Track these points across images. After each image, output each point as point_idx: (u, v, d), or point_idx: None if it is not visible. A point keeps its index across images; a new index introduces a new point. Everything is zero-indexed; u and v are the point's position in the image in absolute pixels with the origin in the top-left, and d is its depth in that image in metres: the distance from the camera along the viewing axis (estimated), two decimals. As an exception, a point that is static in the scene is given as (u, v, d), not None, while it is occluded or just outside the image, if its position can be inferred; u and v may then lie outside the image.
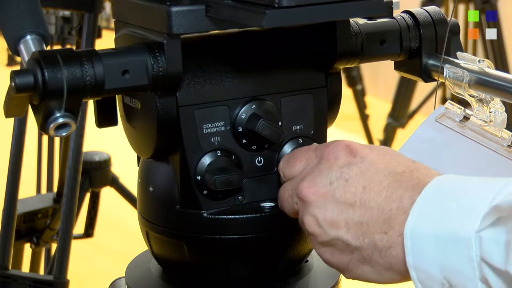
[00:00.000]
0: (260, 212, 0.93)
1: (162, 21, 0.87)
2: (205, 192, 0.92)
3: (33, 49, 0.89)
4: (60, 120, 0.85)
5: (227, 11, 0.86)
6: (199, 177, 0.92)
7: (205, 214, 0.92)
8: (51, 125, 0.85)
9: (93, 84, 0.85)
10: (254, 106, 0.93)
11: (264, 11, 0.81)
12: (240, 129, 0.93)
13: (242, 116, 0.93)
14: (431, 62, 1.02)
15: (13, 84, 0.83)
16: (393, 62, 1.07)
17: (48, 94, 0.83)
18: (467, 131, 1.00)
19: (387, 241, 0.82)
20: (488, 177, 0.81)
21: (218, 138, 0.92)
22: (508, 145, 0.98)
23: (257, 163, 0.95)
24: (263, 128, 0.92)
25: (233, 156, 0.93)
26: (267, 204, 0.94)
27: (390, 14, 0.92)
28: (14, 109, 0.87)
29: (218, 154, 0.92)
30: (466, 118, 1.00)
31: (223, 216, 0.92)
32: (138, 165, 1.01)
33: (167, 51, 0.88)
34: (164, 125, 0.91)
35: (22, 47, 0.90)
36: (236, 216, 0.93)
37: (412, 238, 0.80)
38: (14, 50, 0.91)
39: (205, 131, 0.92)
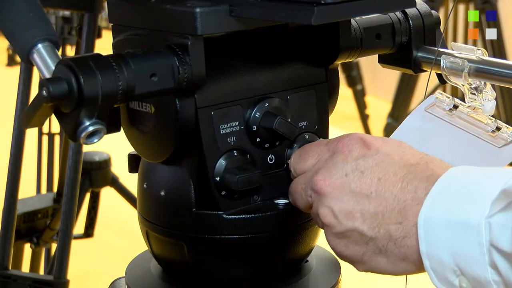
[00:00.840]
0: (275, 209, 0.94)
1: (186, 22, 0.86)
2: (223, 192, 0.92)
3: (47, 58, 0.87)
4: (91, 128, 0.82)
5: (258, 10, 0.86)
6: (217, 178, 0.92)
7: (224, 215, 0.92)
8: (83, 134, 0.82)
9: (125, 89, 0.83)
10: (267, 104, 0.93)
11: (313, 8, 0.82)
12: (255, 127, 0.93)
13: (256, 115, 0.93)
14: (420, 54, 1.04)
15: (45, 93, 0.81)
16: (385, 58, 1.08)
17: (83, 102, 0.81)
18: (455, 119, 1.02)
19: (402, 231, 0.83)
20: (500, 167, 0.82)
21: (234, 138, 0.92)
22: (493, 131, 1.00)
23: (269, 161, 0.95)
24: (280, 125, 0.92)
25: (248, 155, 0.93)
26: (281, 201, 0.95)
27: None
28: (37, 120, 0.84)
29: (235, 154, 0.92)
30: (455, 106, 1.02)
31: (243, 216, 0.93)
32: (130, 171, 1.00)
33: (192, 53, 0.87)
34: (183, 127, 0.90)
35: (35, 56, 0.87)
36: (256, 215, 0.93)
37: (425, 226, 0.81)
38: (26, 59, 0.88)
39: (222, 131, 0.92)
